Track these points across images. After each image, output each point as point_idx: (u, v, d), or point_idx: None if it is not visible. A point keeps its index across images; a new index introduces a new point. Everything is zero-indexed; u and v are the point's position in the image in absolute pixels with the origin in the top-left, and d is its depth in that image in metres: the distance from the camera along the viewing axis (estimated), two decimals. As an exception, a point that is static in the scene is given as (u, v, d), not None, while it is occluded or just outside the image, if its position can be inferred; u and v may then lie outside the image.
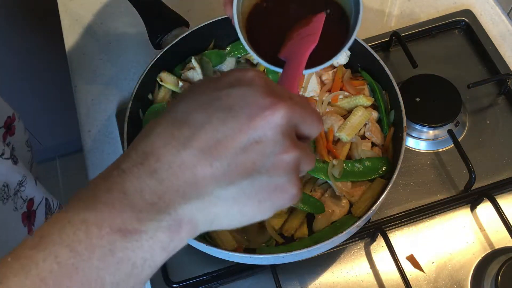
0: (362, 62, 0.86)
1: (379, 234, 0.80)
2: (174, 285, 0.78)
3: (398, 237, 0.81)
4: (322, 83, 0.85)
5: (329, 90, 0.84)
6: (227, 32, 0.82)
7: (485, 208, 0.82)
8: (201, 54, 0.89)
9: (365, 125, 0.80)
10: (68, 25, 1.09)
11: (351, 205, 0.77)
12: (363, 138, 0.81)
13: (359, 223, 0.70)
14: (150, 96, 0.87)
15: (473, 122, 0.90)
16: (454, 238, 0.81)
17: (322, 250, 0.72)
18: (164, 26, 0.88)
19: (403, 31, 0.98)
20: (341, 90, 0.84)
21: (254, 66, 0.89)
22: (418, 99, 0.88)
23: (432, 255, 0.80)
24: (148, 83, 0.85)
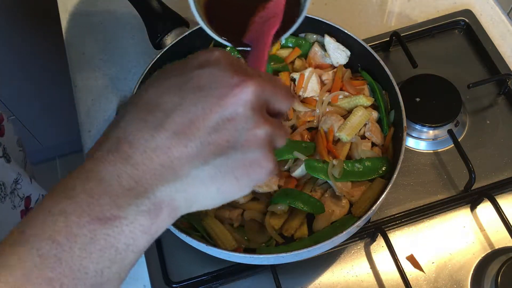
0: (362, 62, 0.86)
1: (379, 234, 0.80)
2: (174, 285, 0.78)
3: (398, 237, 0.81)
4: (322, 83, 0.85)
5: (329, 90, 0.84)
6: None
7: (485, 208, 0.82)
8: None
9: (365, 125, 0.80)
10: (68, 25, 1.09)
11: (351, 205, 0.77)
12: (363, 138, 0.81)
13: (359, 223, 0.70)
14: (150, 96, 0.87)
15: (473, 122, 0.90)
16: (454, 238, 0.81)
17: (322, 250, 0.72)
18: (164, 26, 0.88)
19: (403, 31, 0.98)
20: (341, 90, 0.84)
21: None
22: (418, 99, 0.88)
23: (432, 255, 0.80)
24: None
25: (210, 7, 0.62)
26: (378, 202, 0.70)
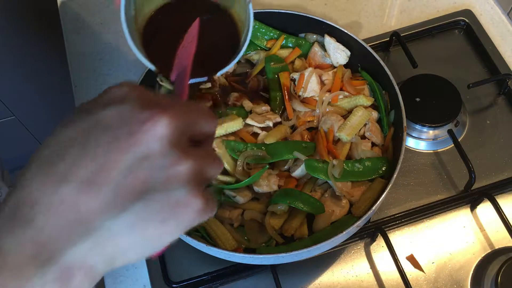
0: (362, 62, 0.86)
1: (379, 234, 0.80)
2: (174, 285, 0.78)
3: (398, 237, 0.81)
4: (322, 83, 0.85)
5: (329, 90, 0.84)
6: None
7: (485, 208, 0.82)
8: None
9: (365, 125, 0.80)
10: (68, 25, 1.09)
11: (351, 205, 0.77)
12: (363, 138, 0.81)
13: (359, 223, 0.70)
14: (150, 96, 0.87)
15: (473, 122, 0.90)
16: (454, 238, 0.81)
17: (322, 250, 0.72)
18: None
19: (403, 31, 0.98)
20: (341, 90, 0.84)
21: (254, 66, 0.89)
22: (418, 99, 0.88)
23: (432, 255, 0.80)
24: (148, 84, 0.85)
25: (147, 32, 0.63)
26: (378, 202, 0.70)
